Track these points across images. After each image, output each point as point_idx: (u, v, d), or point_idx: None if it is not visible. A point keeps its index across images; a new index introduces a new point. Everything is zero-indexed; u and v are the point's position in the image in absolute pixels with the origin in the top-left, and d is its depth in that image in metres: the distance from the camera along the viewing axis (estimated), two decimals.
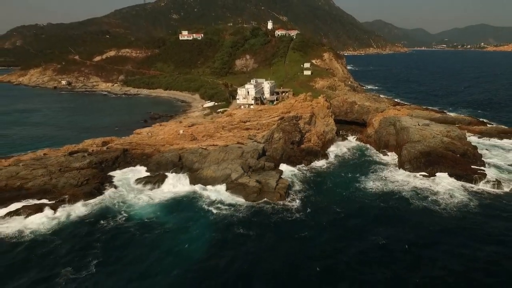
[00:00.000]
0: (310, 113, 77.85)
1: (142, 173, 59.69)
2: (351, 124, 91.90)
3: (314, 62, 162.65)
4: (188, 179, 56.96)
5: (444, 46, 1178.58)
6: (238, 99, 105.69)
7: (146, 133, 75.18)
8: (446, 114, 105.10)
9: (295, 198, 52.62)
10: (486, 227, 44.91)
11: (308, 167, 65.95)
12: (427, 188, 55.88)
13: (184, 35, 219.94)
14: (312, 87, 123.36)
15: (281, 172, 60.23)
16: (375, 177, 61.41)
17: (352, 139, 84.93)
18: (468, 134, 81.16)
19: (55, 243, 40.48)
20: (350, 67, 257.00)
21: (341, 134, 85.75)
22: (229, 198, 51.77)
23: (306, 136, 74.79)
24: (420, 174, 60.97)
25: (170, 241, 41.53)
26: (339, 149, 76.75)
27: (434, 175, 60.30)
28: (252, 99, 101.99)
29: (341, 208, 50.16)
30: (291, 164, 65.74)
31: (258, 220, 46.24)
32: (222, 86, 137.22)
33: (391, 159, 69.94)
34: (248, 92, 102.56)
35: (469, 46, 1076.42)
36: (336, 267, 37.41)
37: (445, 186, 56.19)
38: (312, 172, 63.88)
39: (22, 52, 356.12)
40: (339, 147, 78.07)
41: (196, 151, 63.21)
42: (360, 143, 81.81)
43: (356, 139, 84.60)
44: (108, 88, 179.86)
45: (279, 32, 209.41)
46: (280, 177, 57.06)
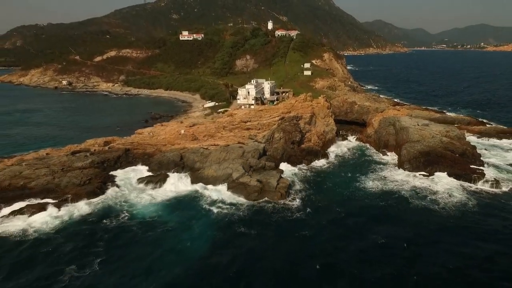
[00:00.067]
0: (311, 113, 78.40)
1: (144, 172, 60.24)
2: (351, 124, 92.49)
3: (314, 62, 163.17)
4: (189, 178, 57.49)
5: (444, 46, 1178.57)
6: (239, 99, 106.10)
7: (148, 133, 75.69)
8: (445, 114, 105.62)
9: (295, 197, 53.14)
10: (484, 226, 45.48)
11: (309, 167, 66.49)
12: (426, 187, 56.40)
13: (185, 36, 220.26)
14: (312, 87, 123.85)
15: (281, 171, 60.80)
16: (375, 176, 61.95)
17: (352, 139, 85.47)
18: (467, 134, 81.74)
19: (59, 242, 41.01)
20: (350, 67, 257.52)
21: (341, 134, 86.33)
22: (230, 197, 52.29)
23: (306, 136, 75.33)
24: (419, 174, 61.51)
25: (172, 239, 42.07)
26: (339, 149, 77.35)
27: (433, 174, 60.85)
28: (253, 99, 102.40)
29: (341, 207, 50.70)
30: (292, 163, 66.25)
31: (259, 219, 46.78)
32: (223, 86, 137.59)
33: (391, 159, 70.48)
34: (248, 92, 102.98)
35: (469, 46, 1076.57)
36: (336, 265, 37.91)
37: (444, 185, 56.73)
38: (312, 172, 64.43)
39: (22, 52, 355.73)
40: (339, 147, 78.69)
41: (197, 150, 63.73)
42: (360, 143, 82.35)
43: (356, 139, 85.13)
44: (109, 88, 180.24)
45: (279, 33, 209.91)
46: (281, 176, 57.55)
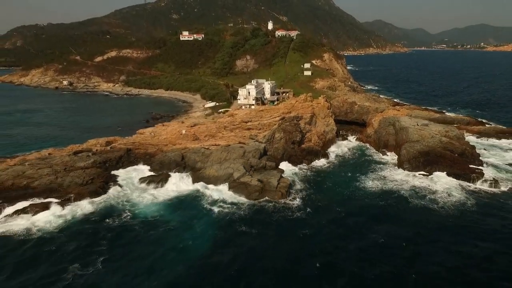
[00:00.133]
0: (311, 113, 78.89)
1: (146, 172, 60.67)
2: (351, 124, 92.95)
3: (314, 62, 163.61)
4: (191, 178, 57.92)
5: (444, 46, 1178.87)
6: (239, 99, 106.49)
7: (149, 133, 76.14)
8: (445, 114, 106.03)
9: (296, 197, 53.60)
10: (483, 225, 45.91)
11: (309, 167, 66.96)
12: (426, 187, 56.87)
13: (185, 36, 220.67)
14: (312, 87, 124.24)
15: (282, 171, 61.24)
16: (375, 176, 62.42)
17: (352, 139, 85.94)
18: (467, 134, 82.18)
19: (62, 240, 41.46)
20: (350, 67, 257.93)
21: (341, 134, 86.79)
22: (231, 197, 52.73)
23: (306, 136, 75.79)
24: (419, 173, 61.98)
25: (174, 238, 42.52)
26: (339, 149, 77.83)
27: (432, 174, 61.30)
28: (253, 100, 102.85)
29: (341, 206, 51.17)
30: (292, 163, 66.72)
31: (260, 218, 47.25)
32: (223, 86, 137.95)
33: (391, 159, 70.94)
34: (249, 93, 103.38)
35: (469, 46, 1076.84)
36: (337, 264, 38.34)
37: (443, 185, 57.18)
38: (312, 172, 64.90)
39: (22, 52, 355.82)
40: (339, 147, 79.16)
41: (198, 150, 64.18)
42: (360, 143, 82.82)
43: (356, 139, 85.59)
44: (109, 88, 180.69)
45: (279, 33, 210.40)
46: (282, 176, 57.97)
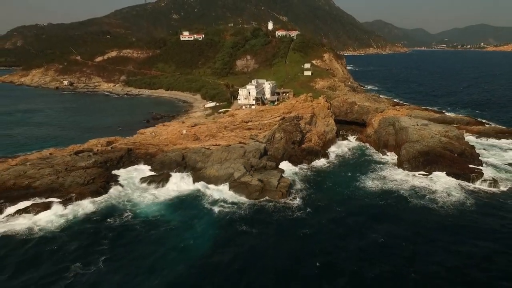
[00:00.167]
0: (311, 113, 79.14)
1: (146, 172, 60.92)
2: (351, 124, 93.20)
3: (314, 62, 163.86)
4: (191, 178, 58.16)
5: (444, 46, 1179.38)
6: (240, 99, 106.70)
7: (150, 133, 76.40)
8: (444, 114, 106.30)
9: (296, 197, 53.84)
10: (482, 225, 46.14)
11: (309, 166, 67.22)
12: (425, 186, 57.10)
13: (185, 36, 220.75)
14: (312, 87, 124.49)
15: (282, 171, 61.50)
16: (375, 176, 62.67)
17: (352, 139, 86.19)
18: (466, 134, 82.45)
19: (64, 240, 41.68)
20: (350, 67, 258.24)
21: (341, 134, 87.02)
22: (232, 197, 52.95)
23: (307, 136, 76.05)
24: (418, 173, 62.22)
25: (175, 238, 42.74)
26: (339, 148, 78.07)
27: (432, 174, 61.54)
28: (253, 100, 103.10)
29: (341, 206, 51.42)
30: (292, 163, 66.95)
31: (260, 218, 47.48)
32: (223, 86, 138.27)
33: (390, 159, 71.19)
34: (249, 93, 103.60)
35: (469, 46, 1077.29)
36: (336, 263, 38.55)
37: (442, 184, 57.40)
38: (313, 171, 65.16)
39: (23, 52, 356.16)
40: (340, 147, 79.40)
41: (199, 150, 64.44)
42: (360, 143, 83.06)
43: (356, 139, 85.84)
44: (110, 88, 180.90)
45: (279, 33, 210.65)
46: (282, 176, 58.21)
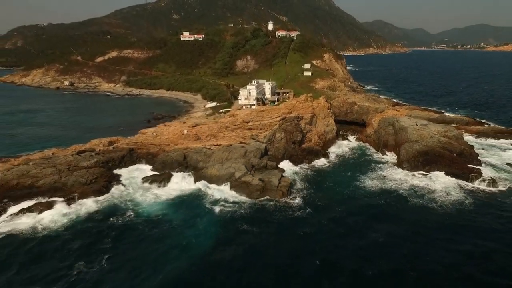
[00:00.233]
0: (311, 113, 79.68)
1: (148, 172, 61.46)
2: (351, 124, 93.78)
3: (314, 63, 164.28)
4: (193, 177, 58.69)
5: (444, 46, 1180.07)
6: (240, 99, 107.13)
7: (151, 133, 76.94)
8: (444, 114, 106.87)
9: (296, 196, 54.38)
10: (480, 224, 46.66)
11: (309, 166, 67.76)
12: (424, 186, 57.63)
13: (185, 36, 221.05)
14: (312, 87, 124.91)
15: (283, 170, 62.01)
16: (374, 175, 63.20)
17: (352, 139, 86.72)
18: (466, 134, 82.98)
19: (67, 238, 42.21)
20: (350, 67, 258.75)
21: (341, 134, 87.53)
22: (233, 196, 53.47)
23: (307, 136, 76.58)
24: (418, 173, 62.76)
25: (177, 236, 43.27)
26: (339, 148, 78.63)
27: (431, 173, 62.04)
28: (254, 100, 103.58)
29: (341, 205, 51.94)
30: (293, 163, 67.52)
31: (261, 217, 48.01)
32: (224, 86, 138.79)
33: (390, 159, 71.74)
34: (249, 93, 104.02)
35: (469, 46, 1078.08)
36: (336, 262, 39.05)
37: (441, 184, 57.94)
38: (313, 171, 65.70)
39: (23, 52, 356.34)
40: (340, 146, 79.96)
41: (200, 150, 64.98)
42: (360, 143, 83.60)
43: (356, 139, 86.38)
44: (110, 88, 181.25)
45: (279, 33, 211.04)
46: (282, 175, 58.71)
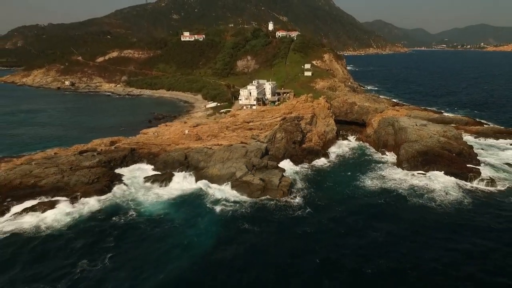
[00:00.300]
0: (311, 113, 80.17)
1: (150, 171, 62.00)
2: (351, 124, 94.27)
3: (314, 63, 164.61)
4: (194, 177, 59.17)
5: (444, 46, 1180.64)
6: (241, 100, 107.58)
7: (153, 133, 77.41)
8: (443, 114, 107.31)
9: (297, 196, 54.86)
10: (479, 223, 47.09)
11: (310, 166, 68.25)
12: (424, 186, 58.08)
13: (186, 36, 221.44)
14: (312, 88, 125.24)
15: (283, 170, 62.44)
16: (374, 175, 63.67)
17: (352, 139, 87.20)
18: (465, 134, 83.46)
19: (70, 237, 42.70)
20: (350, 67, 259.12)
21: (341, 134, 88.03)
22: (233, 195, 53.97)
23: (307, 136, 77.05)
24: (417, 173, 63.21)
25: (178, 236, 43.75)
26: (339, 148, 79.14)
27: (430, 173, 62.40)
28: (254, 100, 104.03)
29: (341, 205, 52.42)
30: (293, 163, 68.02)
31: (261, 216, 48.50)
32: (224, 87, 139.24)
33: (390, 158, 72.22)
34: (250, 93, 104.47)
35: (469, 46, 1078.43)
36: (336, 260, 39.49)
37: (441, 184, 58.39)
38: (313, 171, 66.19)
39: (23, 52, 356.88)
40: (340, 146, 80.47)
41: (201, 150, 65.46)
42: (360, 143, 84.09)
43: (356, 139, 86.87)
44: (111, 88, 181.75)
45: (279, 33, 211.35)
46: (283, 175, 59.16)
